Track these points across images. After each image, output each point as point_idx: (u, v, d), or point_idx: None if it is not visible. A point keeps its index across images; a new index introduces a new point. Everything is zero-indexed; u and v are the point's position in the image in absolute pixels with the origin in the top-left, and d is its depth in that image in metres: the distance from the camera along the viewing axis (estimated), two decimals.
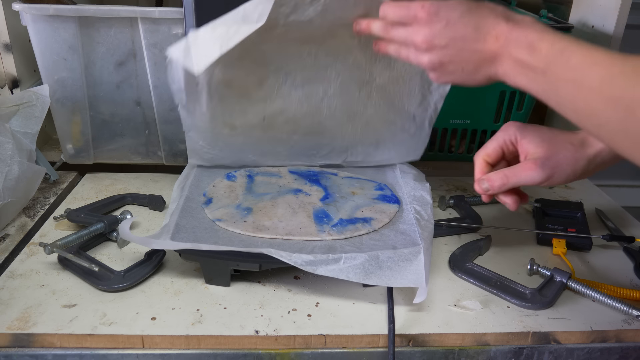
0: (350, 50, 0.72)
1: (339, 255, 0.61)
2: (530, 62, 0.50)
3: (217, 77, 0.71)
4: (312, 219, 0.70)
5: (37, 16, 0.80)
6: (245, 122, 0.78)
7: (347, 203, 0.74)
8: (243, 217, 0.70)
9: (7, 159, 0.75)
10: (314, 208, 0.73)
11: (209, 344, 0.59)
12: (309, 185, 0.79)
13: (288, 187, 0.78)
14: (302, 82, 0.75)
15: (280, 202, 0.74)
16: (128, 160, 0.94)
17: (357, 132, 0.82)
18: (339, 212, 0.72)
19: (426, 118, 0.81)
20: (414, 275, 0.62)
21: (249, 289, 0.66)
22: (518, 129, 0.61)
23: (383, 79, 0.76)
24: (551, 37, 0.49)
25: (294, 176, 0.81)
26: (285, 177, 0.81)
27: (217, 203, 0.73)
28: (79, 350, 0.58)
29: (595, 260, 0.75)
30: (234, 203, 0.73)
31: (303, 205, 0.73)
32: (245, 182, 0.79)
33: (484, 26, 0.53)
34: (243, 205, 0.73)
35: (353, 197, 0.76)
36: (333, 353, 0.60)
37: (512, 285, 0.67)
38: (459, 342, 0.61)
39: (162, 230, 0.65)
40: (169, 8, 0.81)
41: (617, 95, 0.42)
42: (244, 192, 0.76)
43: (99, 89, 0.87)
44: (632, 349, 0.62)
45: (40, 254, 0.69)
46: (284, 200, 0.74)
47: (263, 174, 0.82)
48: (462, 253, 0.73)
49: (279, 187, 0.78)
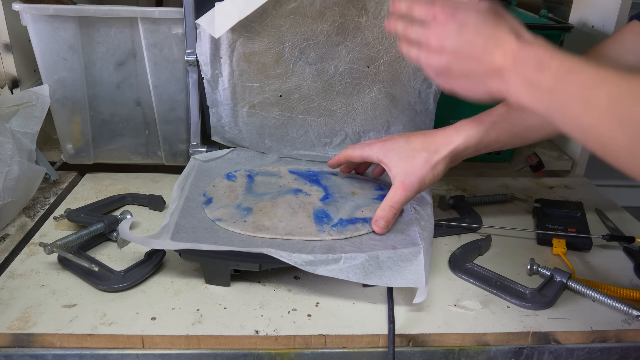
0: (359, 28, 0.77)
1: (338, 255, 0.61)
2: (538, 80, 0.50)
3: (238, 52, 0.77)
4: (312, 219, 0.70)
5: (37, 16, 0.80)
6: (263, 99, 0.82)
7: (347, 203, 0.74)
8: (243, 217, 0.70)
9: (7, 159, 0.75)
10: (313, 208, 0.73)
11: (209, 344, 0.59)
12: (309, 185, 0.79)
13: (288, 187, 0.78)
14: (315, 59, 0.79)
15: (280, 202, 0.74)
16: (128, 160, 0.94)
17: (368, 111, 0.84)
18: (338, 212, 0.72)
19: (431, 94, 0.84)
20: (414, 275, 0.62)
21: (249, 289, 0.66)
22: (381, 149, 0.72)
23: (390, 56, 0.80)
24: (560, 56, 0.49)
25: (294, 176, 0.82)
26: (285, 177, 0.81)
27: (217, 203, 0.73)
28: (79, 350, 0.58)
29: (595, 260, 0.75)
30: (234, 203, 0.73)
31: (303, 205, 0.73)
32: (245, 182, 0.79)
33: (495, 39, 0.53)
34: (243, 205, 0.73)
35: (353, 197, 0.76)
36: (333, 353, 0.60)
37: (512, 285, 0.67)
38: (459, 342, 0.61)
39: (162, 230, 0.65)
40: (169, 8, 0.81)
41: (625, 115, 0.42)
42: (243, 192, 0.76)
43: (99, 89, 0.87)
44: (632, 349, 0.62)
45: (40, 254, 0.69)
46: (284, 200, 0.74)
47: (263, 174, 0.82)
48: (462, 253, 0.73)
49: (279, 187, 0.78)
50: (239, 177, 0.80)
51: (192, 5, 0.77)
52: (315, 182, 0.80)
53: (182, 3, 0.77)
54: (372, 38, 0.78)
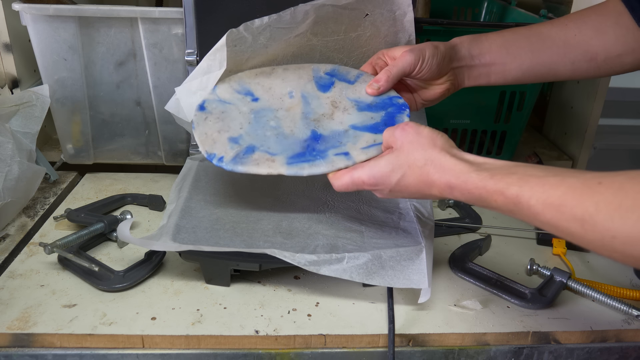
0: (313, 48, 0.76)
1: (342, 255, 0.61)
2: (487, 205, 0.51)
3: None
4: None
5: (37, 16, 0.80)
6: None
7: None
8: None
9: (7, 159, 0.75)
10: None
11: (209, 344, 0.59)
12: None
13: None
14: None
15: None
16: (128, 160, 0.94)
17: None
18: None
19: None
20: (416, 275, 0.62)
21: (249, 289, 0.66)
22: (386, 50, 0.71)
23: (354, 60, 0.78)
24: (495, 186, 0.49)
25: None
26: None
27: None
28: (79, 350, 0.58)
29: (595, 260, 0.75)
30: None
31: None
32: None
33: (424, 186, 0.55)
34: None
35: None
36: (333, 353, 0.60)
37: (512, 285, 0.67)
38: (459, 342, 0.61)
39: (161, 231, 0.65)
40: (169, 8, 0.81)
41: (609, 235, 0.42)
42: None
43: (99, 89, 0.87)
44: (632, 349, 0.62)
45: (40, 254, 0.69)
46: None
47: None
48: (462, 253, 0.73)
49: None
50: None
51: (192, 5, 0.77)
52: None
53: (182, 3, 0.77)
54: (329, 52, 0.77)
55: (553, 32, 0.69)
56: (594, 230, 0.42)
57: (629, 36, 0.66)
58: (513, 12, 1.07)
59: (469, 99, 0.94)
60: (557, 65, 0.69)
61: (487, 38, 0.70)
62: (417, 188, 0.55)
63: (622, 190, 0.41)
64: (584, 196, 0.43)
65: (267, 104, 0.69)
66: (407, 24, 0.76)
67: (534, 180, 0.46)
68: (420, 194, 0.56)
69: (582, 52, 0.68)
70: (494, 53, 0.69)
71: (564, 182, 0.45)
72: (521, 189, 0.47)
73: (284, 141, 0.63)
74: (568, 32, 0.69)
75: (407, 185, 0.55)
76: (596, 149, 1.38)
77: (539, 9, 1.08)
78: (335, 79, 0.72)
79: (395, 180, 0.56)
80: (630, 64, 0.68)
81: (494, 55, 0.69)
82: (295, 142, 0.63)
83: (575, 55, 0.68)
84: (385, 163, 0.56)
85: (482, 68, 0.70)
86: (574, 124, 1.06)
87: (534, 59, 0.69)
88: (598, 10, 0.69)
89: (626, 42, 0.67)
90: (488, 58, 0.69)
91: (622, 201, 0.40)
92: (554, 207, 0.44)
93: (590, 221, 0.42)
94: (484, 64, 0.70)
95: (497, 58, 0.69)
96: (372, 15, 0.74)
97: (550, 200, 0.45)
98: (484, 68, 0.70)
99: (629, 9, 0.66)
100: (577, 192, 0.43)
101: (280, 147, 0.63)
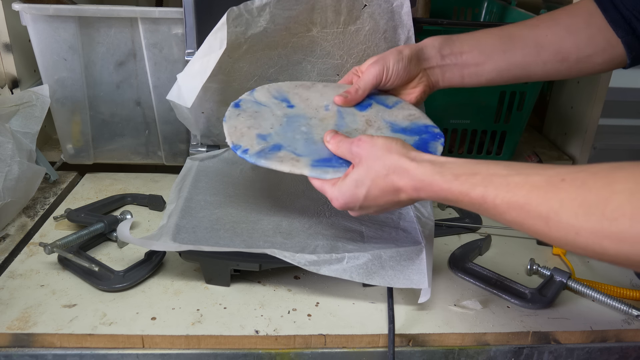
0: (314, 41, 0.77)
1: (342, 255, 0.61)
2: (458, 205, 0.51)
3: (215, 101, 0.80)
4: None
5: (37, 16, 0.80)
6: None
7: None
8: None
9: (7, 159, 0.75)
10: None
11: (209, 344, 0.59)
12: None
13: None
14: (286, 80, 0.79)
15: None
16: (128, 160, 0.94)
17: None
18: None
19: None
20: (416, 275, 0.62)
21: (249, 289, 0.66)
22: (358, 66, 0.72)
23: (354, 59, 0.80)
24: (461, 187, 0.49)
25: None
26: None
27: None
28: (79, 350, 0.58)
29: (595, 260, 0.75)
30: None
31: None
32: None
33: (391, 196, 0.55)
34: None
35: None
36: (333, 353, 0.60)
37: (512, 285, 0.67)
38: (459, 342, 0.61)
39: (161, 231, 0.65)
40: (169, 8, 0.81)
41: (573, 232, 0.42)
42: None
43: (99, 89, 0.87)
44: (632, 349, 0.62)
45: (40, 254, 0.69)
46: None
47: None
48: (462, 253, 0.73)
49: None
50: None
51: (192, 5, 0.77)
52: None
53: (182, 3, 0.77)
54: (329, 47, 0.78)
55: (524, 32, 0.70)
56: (558, 228, 0.42)
57: (600, 37, 0.67)
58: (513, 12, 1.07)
59: (469, 99, 0.94)
60: (529, 66, 0.69)
61: (458, 38, 0.70)
62: (385, 199, 0.55)
63: (586, 187, 0.41)
64: (548, 194, 0.43)
65: (301, 112, 0.69)
66: (405, 17, 0.77)
67: (498, 180, 0.47)
68: (390, 204, 0.56)
69: (554, 53, 0.68)
70: (466, 54, 0.69)
71: (527, 180, 0.45)
72: (486, 190, 0.47)
73: (312, 146, 0.63)
74: (539, 32, 0.69)
75: (375, 197, 0.55)
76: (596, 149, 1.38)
77: (539, 9, 1.08)
78: (374, 101, 0.71)
79: (362, 196, 0.56)
80: (601, 64, 0.69)
81: (466, 56, 0.69)
82: (323, 149, 0.63)
83: (547, 56, 0.69)
84: (349, 181, 0.56)
85: (454, 68, 0.70)
86: (574, 124, 1.06)
87: (506, 60, 0.69)
88: (570, 11, 0.69)
89: (597, 43, 0.67)
90: (460, 58, 0.69)
91: (585, 198, 0.41)
92: (518, 206, 0.45)
93: (555, 219, 0.42)
94: (455, 64, 0.70)
95: (469, 58, 0.69)
96: (370, 7, 0.75)
97: (514, 199, 0.45)
98: (456, 68, 0.70)
99: (602, 10, 0.66)
100: (541, 190, 0.44)
101: (307, 150, 0.62)
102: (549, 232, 0.43)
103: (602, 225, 0.40)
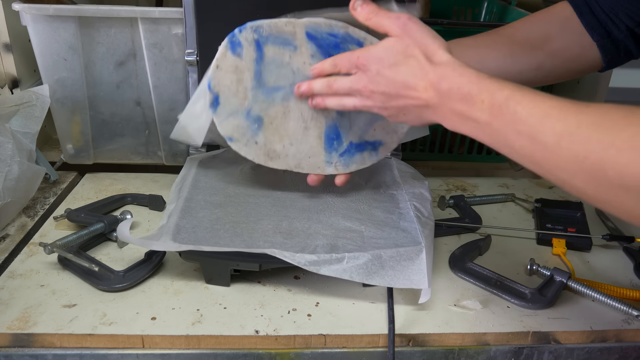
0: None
1: (342, 255, 0.61)
2: (471, 114, 0.50)
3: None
4: (323, 141, 0.70)
5: (37, 16, 0.80)
6: None
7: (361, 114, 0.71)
8: (254, 135, 0.68)
9: (7, 159, 0.75)
10: (326, 123, 0.71)
11: (209, 344, 0.59)
12: None
13: (303, 71, 0.70)
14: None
15: (292, 109, 0.70)
16: (128, 160, 0.94)
17: None
18: (351, 129, 0.71)
19: None
20: (416, 275, 0.62)
21: (249, 288, 0.66)
22: None
23: None
24: (489, 85, 0.49)
25: (311, 47, 0.69)
26: (301, 48, 0.69)
27: (225, 105, 0.68)
28: (79, 350, 0.58)
29: (595, 260, 0.75)
30: (243, 106, 0.69)
31: (316, 117, 0.70)
32: (254, 58, 0.69)
33: (413, 77, 0.54)
34: (253, 111, 0.68)
35: None
36: (333, 353, 0.60)
37: (512, 285, 0.67)
38: (459, 342, 0.61)
39: (161, 231, 0.65)
40: (169, 8, 0.81)
41: (582, 154, 0.42)
42: (252, 84, 0.69)
43: (99, 89, 0.87)
44: (632, 349, 0.62)
45: (40, 254, 0.69)
46: (297, 108, 0.70)
47: (274, 41, 0.69)
48: (462, 253, 0.73)
49: (292, 74, 0.70)
50: (246, 49, 0.69)
51: (192, 5, 0.77)
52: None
53: (182, 3, 0.77)
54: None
55: (499, 42, 0.70)
56: (569, 148, 0.42)
57: (575, 42, 0.67)
58: (513, 12, 1.07)
59: None
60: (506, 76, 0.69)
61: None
62: (403, 74, 0.54)
63: (607, 114, 0.42)
64: (569, 112, 0.44)
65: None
66: None
67: (528, 90, 0.47)
68: (403, 86, 0.55)
69: (528, 62, 0.68)
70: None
71: (555, 98, 0.45)
72: (513, 93, 0.47)
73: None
74: (514, 40, 0.69)
75: (396, 63, 0.55)
76: None
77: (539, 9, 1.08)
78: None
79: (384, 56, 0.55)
80: (576, 70, 0.69)
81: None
82: None
83: (522, 65, 0.69)
84: (381, 44, 0.57)
85: None
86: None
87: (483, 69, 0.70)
88: (545, 17, 0.70)
89: (571, 49, 0.67)
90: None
91: (602, 122, 0.41)
92: (538, 117, 0.45)
93: (568, 138, 0.42)
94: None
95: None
96: None
97: (536, 109, 0.45)
98: None
99: (577, 14, 0.66)
100: (564, 107, 0.44)
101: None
102: (558, 151, 0.43)
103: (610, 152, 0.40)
